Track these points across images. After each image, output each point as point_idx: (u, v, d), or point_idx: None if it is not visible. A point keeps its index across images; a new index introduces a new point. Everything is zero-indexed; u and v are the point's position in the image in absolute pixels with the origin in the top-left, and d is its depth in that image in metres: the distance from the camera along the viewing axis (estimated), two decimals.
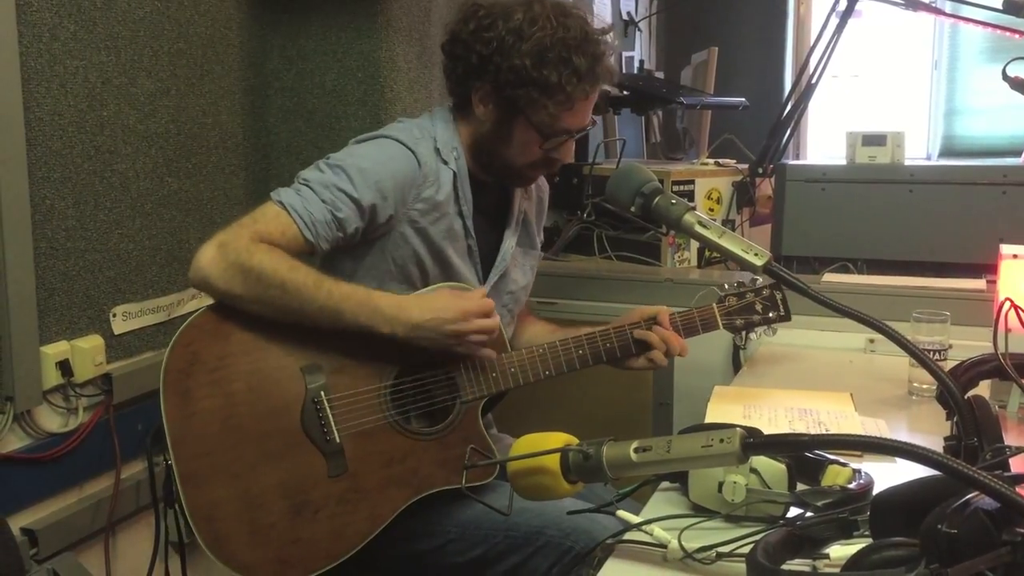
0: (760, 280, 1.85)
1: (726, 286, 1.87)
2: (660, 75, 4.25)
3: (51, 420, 1.84)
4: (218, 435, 1.50)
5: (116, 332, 1.95)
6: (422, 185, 1.66)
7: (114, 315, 1.94)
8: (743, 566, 0.99)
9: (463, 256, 1.74)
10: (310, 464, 1.54)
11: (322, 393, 1.56)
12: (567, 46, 1.63)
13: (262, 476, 1.51)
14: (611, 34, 1.75)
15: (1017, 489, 0.82)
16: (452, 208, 1.71)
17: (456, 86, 1.74)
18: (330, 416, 1.56)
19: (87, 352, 1.85)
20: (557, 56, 1.63)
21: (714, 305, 1.83)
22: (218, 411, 1.51)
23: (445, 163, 1.70)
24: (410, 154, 1.66)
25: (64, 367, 1.81)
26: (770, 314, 1.85)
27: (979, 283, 2.26)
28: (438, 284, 1.69)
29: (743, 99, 3.34)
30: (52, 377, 1.79)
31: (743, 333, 1.88)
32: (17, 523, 1.76)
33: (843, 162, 2.71)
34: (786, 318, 1.87)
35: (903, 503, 0.98)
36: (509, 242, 1.82)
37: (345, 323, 1.53)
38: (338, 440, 1.55)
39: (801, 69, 3.04)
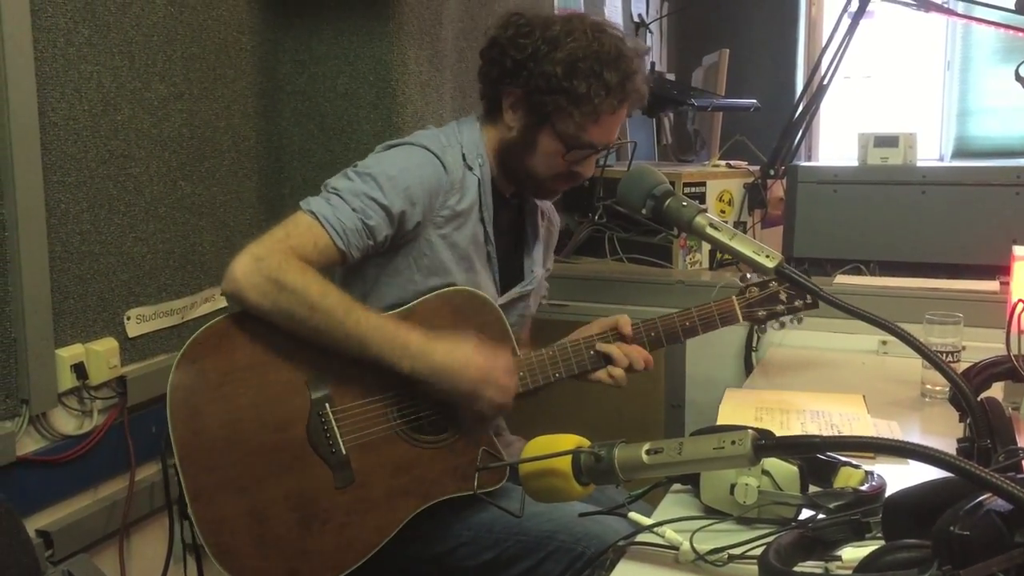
0: None
1: (748, 276, 1.82)
2: (671, 77, 4.25)
3: (66, 423, 1.85)
4: (225, 450, 1.51)
5: (130, 335, 1.96)
6: (448, 192, 1.67)
7: (128, 318, 1.95)
8: (755, 568, 0.99)
9: (484, 263, 1.75)
10: (317, 476, 1.54)
11: (327, 405, 1.56)
12: (599, 60, 1.66)
13: (269, 490, 1.52)
14: (645, 56, 1.77)
15: None
16: (475, 215, 1.72)
17: (489, 90, 1.76)
18: (335, 428, 1.56)
19: (102, 355, 1.86)
20: (588, 68, 1.65)
21: (734, 297, 1.79)
22: (224, 427, 1.52)
23: (470, 169, 1.71)
24: (437, 161, 1.67)
25: (79, 370, 1.82)
26: (796, 302, 1.81)
27: (992, 284, 2.25)
28: (456, 288, 1.67)
29: (754, 100, 3.34)
30: (67, 380, 1.80)
31: (764, 325, 1.83)
32: (32, 525, 1.77)
33: (855, 163, 2.71)
34: (813, 305, 1.81)
35: (915, 505, 0.98)
36: (539, 269, 1.86)
37: (368, 354, 1.53)
38: (344, 452, 1.56)
39: (813, 70, 3.04)
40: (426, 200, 1.64)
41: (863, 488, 1.18)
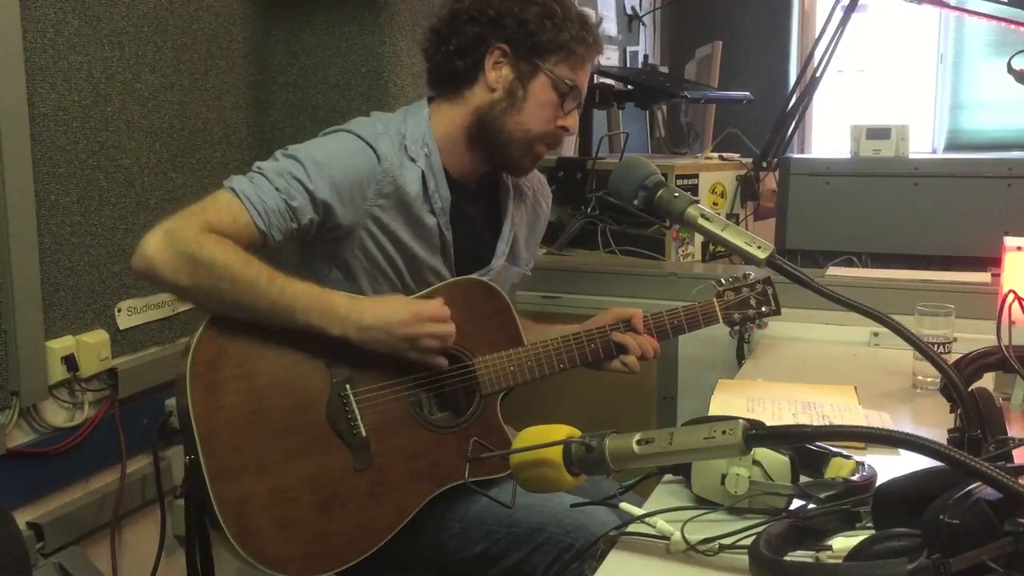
0: (752, 274, 1.88)
1: (723, 280, 1.90)
2: (664, 69, 4.25)
3: (56, 415, 1.84)
4: (245, 429, 1.49)
5: (121, 327, 1.95)
6: (382, 181, 1.62)
7: (119, 310, 1.95)
8: (746, 558, 0.99)
9: (435, 253, 1.71)
10: (336, 458, 1.53)
11: (348, 387, 1.55)
12: (572, 5, 1.70)
13: (289, 470, 1.50)
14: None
15: (1020, 480, 0.82)
16: (422, 206, 1.67)
17: (462, 60, 1.69)
18: (356, 410, 1.55)
19: (92, 347, 1.86)
20: (569, 11, 1.68)
21: (715, 300, 1.86)
22: (245, 405, 1.49)
23: (413, 160, 1.66)
24: (368, 149, 1.62)
25: (69, 362, 1.82)
26: (762, 308, 1.89)
27: (983, 276, 2.26)
28: (468, 278, 1.67)
29: (747, 93, 3.34)
30: (57, 372, 1.80)
31: (738, 327, 1.90)
32: (23, 517, 1.77)
33: (847, 156, 2.71)
34: (776, 312, 1.91)
35: (906, 494, 0.99)
36: (499, 259, 1.80)
37: (297, 322, 1.50)
38: (364, 434, 1.55)
39: (805, 63, 3.04)
40: (355, 191, 1.60)
41: (854, 478, 1.18)
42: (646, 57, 4.32)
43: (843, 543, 1.04)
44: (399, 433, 1.58)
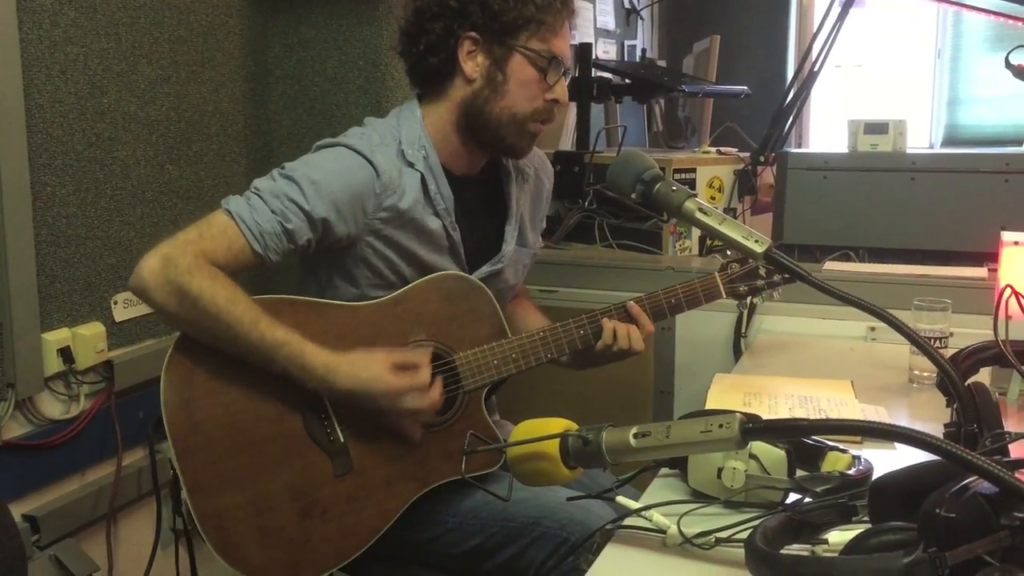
0: None
1: (728, 252, 1.83)
2: (662, 63, 4.25)
3: (52, 407, 1.84)
4: (222, 442, 1.49)
5: (117, 319, 1.95)
6: (382, 195, 1.60)
7: (115, 302, 1.94)
8: (742, 551, 0.99)
9: (443, 255, 1.69)
10: (315, 465, 1.53)
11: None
12: None
13: (269, 480, 1.51)
14: None
15: (1016, 474, 0.82)
16: (423, 210, 1.64)
17: (435, 56, 1.66)
18: (332, 415, 1.55)
19: (88, 339, 1.86)
20: None
21: (716, 273, 1.80)
22: (221, 418, 1.50)
23: (411, 165, 1.64)
24: (366, 164, 1.59)
25: (65, 354, 1.82)
26: (775, 276, 1.82)
27: (980, 271, 2.26)
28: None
29: (745, 87, 3.33)
30: (53, 364, 1.80)
31: (747, 300, 1.84)
32: (19, 509, 1.77)
33: (845, 151, 2.71)
34: (791, 280, 1.81)
35: (902, 488, 0.99)
36: (510, 244, 1.78)
37: (274, 371, 1.49)
38: (342, 439, 1.55)
39: (803, 57, 3.03)
40: (355, 206, 1.58)
41: (850, 472, 1.18)
42: (644, 51, 4.32)
43: (839, 537, 1.04)
44: (379, 435, 1.57)
